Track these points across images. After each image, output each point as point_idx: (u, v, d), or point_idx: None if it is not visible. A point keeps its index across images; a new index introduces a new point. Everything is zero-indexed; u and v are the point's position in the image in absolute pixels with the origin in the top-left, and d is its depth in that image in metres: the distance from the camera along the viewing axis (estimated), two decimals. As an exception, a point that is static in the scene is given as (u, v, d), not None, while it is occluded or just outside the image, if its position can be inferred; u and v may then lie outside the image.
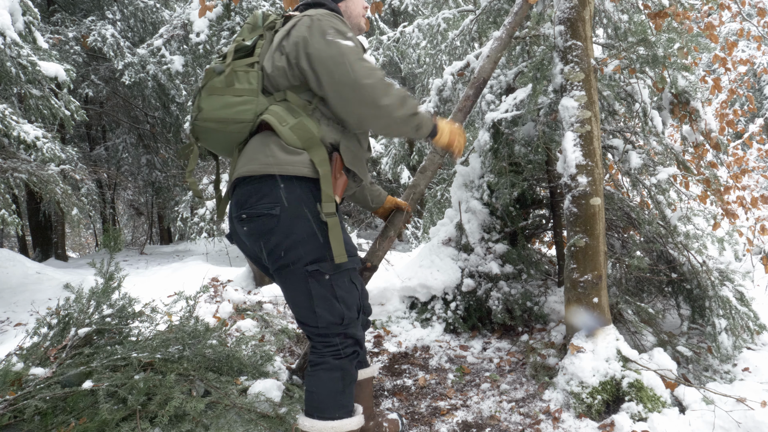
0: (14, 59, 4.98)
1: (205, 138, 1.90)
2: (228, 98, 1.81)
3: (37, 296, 5.25)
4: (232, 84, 1.81)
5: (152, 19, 10.30)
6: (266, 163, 1.77)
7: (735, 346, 3.00)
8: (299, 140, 1.79)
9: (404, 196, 2.94)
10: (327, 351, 1.86)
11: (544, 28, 3.39)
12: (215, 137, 1.87)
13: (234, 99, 1.80)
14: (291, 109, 1.82)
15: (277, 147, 1.78)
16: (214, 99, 1.81)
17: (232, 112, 1.81)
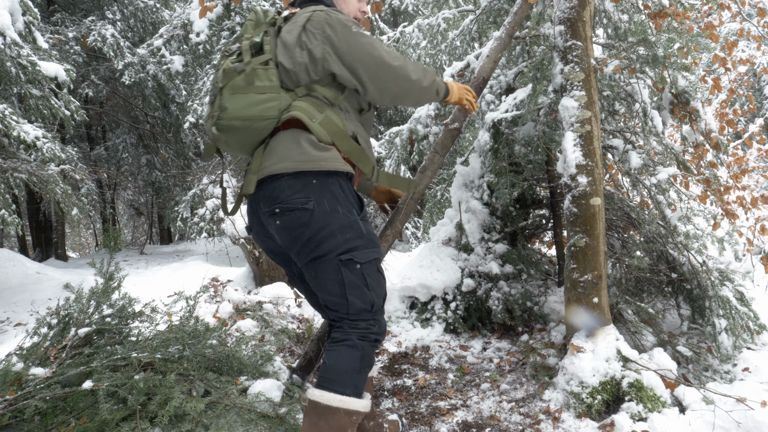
0: (14, 59, 4.98)
1: (229, 137, 1.91)
2: (252, 96, 1.84)
3: (37, 296, 5.25)
4: (253, 82, 1.84)
5: (152, 19, 10.30)
6: (300, 160, 1.84)
7: (735, 346, 3.00)
8: (329, 134, 1.89)
9: (404, 196, 2.94)
10: (353, 331, 1.92)
11: (544, 28, 3.39)
12: (240, 135, 1.90)
13: (258, 97, 1.84)
14: (316, 104, 1.90)
15: (308, 144, 1.86)
16: (238, 98, 1.84)
17: (258, 109, 1.85)
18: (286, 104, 1.88)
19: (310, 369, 2.78)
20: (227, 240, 9.16)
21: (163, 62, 9.03)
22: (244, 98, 1.84)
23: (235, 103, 1.84)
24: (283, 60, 1.88)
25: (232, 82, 1.85)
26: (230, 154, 2.08)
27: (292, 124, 1.89)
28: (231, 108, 1.84)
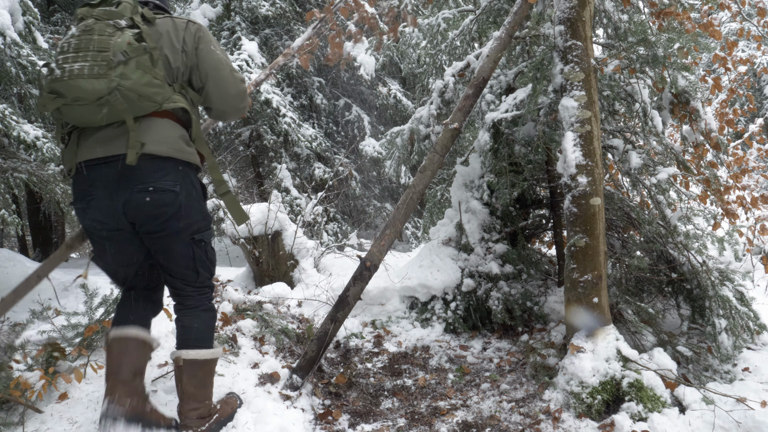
0: (14, 59, 4.98)
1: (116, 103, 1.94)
2: (151, 78, 1.99)
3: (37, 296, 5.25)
4: (157, 66, 2.00)
5: (152, 19, 10.29)
6: (175, 148, 2.07)
7: (735, 346, 3.00)
8: (196, 133, 2.18)
9: (404, 196, 2.94)
10: (202, 297, 2.25)
11: (544, 28, 3.39)
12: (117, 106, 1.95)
13: (155, 80, 2.00)
14: (192, 105, 2.18)
15: (181, 138, 2.10)
16: (141, 75, 1.96)
17: (152, 91, 1.99)
18: (168, 96, 2.06)
19: (310, 369, 2.78)
20: (227, 240, 9.16)
21: (163, 62, 9.02)
22: (146, 76, 1.97)
23: (139, 78, 1.95)
24: (169, 54, 2.08)
25: (140, 58, 1.95)
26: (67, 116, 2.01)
27: (168, 115, 2.09)
28: (135, 80, 1.94)
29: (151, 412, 2.12)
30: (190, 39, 2.13)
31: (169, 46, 2.09)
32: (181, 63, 2.12)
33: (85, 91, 1.89)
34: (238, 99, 2.28)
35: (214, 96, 2.21)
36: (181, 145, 2.09)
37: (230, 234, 4.17)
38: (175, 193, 2.05)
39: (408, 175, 9.36)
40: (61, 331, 2.74)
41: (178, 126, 2.11)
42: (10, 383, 2.23)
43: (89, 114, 1.96)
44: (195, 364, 2.18)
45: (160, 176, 2.02)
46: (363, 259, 2.89)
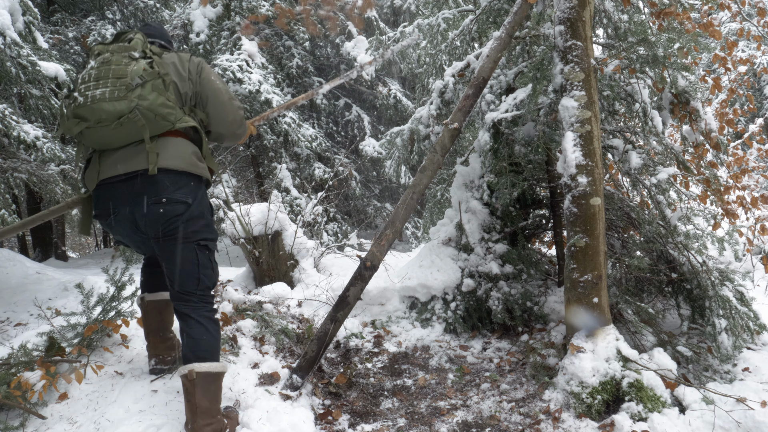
0: (14, 59, 4.98)
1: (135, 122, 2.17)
2: (165, 99, 2.22)
3: (37, 296, 5.25)
4: (169, 89, 2.25)
5: (152, 19, 10.29)
6: (189, 163, 2.27)
7: (735, 346, 3.00)
8: (205, 151, 2.40)
9: (404, 196, 2.94)
10: (205, 305, 2.33)
11: (544, 28, 3.39)
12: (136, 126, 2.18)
13: (168, 102, 2.23)
14: (200, 123, 2.39)
15: (194, 155, 2.31)
16: (157, 96, 2.19)
17: (166, 111, 2.21)
18: (180, 116, 2.29)
19: (310, 369, 2.78)
20: (227, 240, 9.16)
21: (163, 62, 9.02)
22: (161, 98, 2.20)
23: (155, 99, 2.18)
24: (177, 81, 2.32)
25: (155, 81, 2.20)
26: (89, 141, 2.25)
27: (181, 134, 2.31)
28: (151, 101, 2.17)
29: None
30: (194, 69, 2.38)
31: (177, 74, 2.33)
32: (188, 89, 2.35)
33: (108, 113, 2.12)
34: (235, 125, 2.49)
35: (213, 119, 2.43)
36: (194, 161, 2.30)
37: (230, 234, 4.17)
38: (187, 204, 2.25)
39: (408, 175, 9.36)
40: (60, 331, 2.74)
41: (191, 144, 2.33)
42: (11, 383, 2.23)
43: (110, 135, 2.18)
44: (208, 377, 2.21)
45: (174, 189, 2.23)
46: (363, 259, 2.89)
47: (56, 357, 2.50)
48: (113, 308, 2.87)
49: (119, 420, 2.24)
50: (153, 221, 2.22)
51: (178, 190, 2.23)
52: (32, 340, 2.66)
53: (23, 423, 2.21)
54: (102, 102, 2.11)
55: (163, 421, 2.25)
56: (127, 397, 2.39)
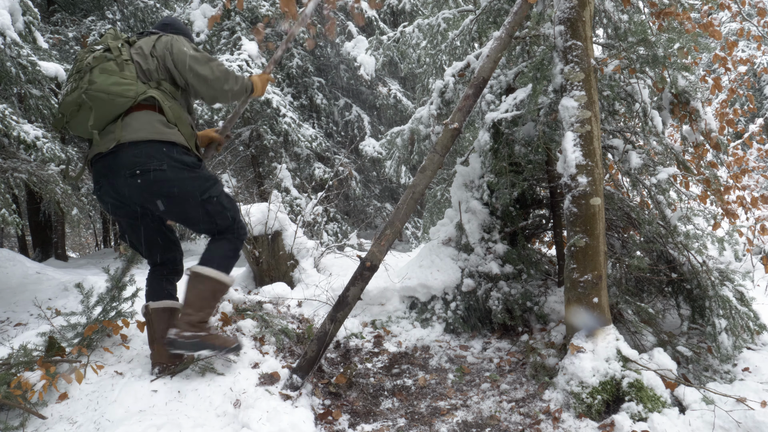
0: (14, 59, 4.98)
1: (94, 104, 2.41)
2: (118, 78, 2.43)
3: (37, 296, 5.25)
4: (123, 69, 2.45)
5: (152, 19, 10.29)
6: (153, 131, 2.43)
7: (735, 346, 3.00)
8: (173, 117, 2.51)
9: (404, 196, 2.94)
10: (231, 236, 2.65)
11: (544, 28, 3.39)
12: (101, 106, 2.41)
13: (123, 80, 2.43)
14: (164, 95, 2.53)
15: (159, 123, 2.47)
16: (107, 77, 2.41)
17: (121, 88, 2.41)
18: (142, 90, 2.47)
19: (310, 369, 2.78)
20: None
21: (164, 62, 9.00)
22: (112, 78, 2.42)
23: (104, 80, 2.41)
24: (140, 60, 2.52)
25: (103, 65, 2.42)
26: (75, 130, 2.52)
27: (146, 107, 2.47)
28: (100, 82, 2.40)
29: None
30: (161, 46, 2.57)
31: (140, 55, 2.54)
32: (152, 65, 2.54)
33: (67, 105, 2.43)
34: (220, 81, 2.60)
35: (197, 86, 2.59)
36: (159, 128, 2.45)
37: (230, 234, 4.17)
38: (161, 171, 2.41)
39: (408, 175, 9.35)
40: (60, 331, 2.74)
41: (155, 113, 2.48)
42: (11, 383, 2.23)
43: (80, 124, 2.46)
44: (199, 277, 2.54)
45: (144, 160, 2.40)
46: (363, 259, 2.89)
47: (56, 357, 2.50)
48: (113, 308, 2.87)
49: (119, 420, 2.24)
50: (136, 192, 2.43)
51: (149, 160, 2.40)
52: (32, 340, 2.66)
53: (23, 423, 2.21)
54: (66, 97, 2.43)
55: (163, 421, 2.25)
56: (127, 397, 2.39)
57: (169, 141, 2.46)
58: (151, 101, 2.49)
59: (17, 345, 2.56)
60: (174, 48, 2.57)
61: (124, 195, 2.46)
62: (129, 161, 2.39)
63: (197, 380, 2.57)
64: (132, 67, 2.48)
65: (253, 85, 2.87)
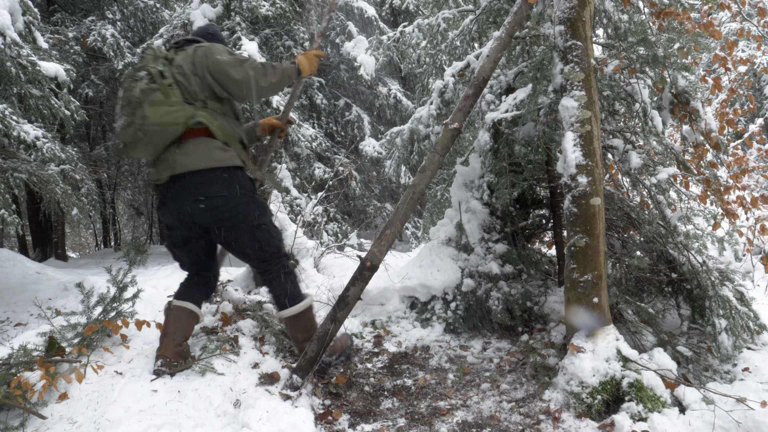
0: (14, 59, 4.98)
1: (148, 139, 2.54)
2: (167, 107, 2.51)
3: (38, 296, 5.25)
4: (169, 96, 2.52)
5: (152, 19, 10.29)
6: (212, 159, 2.57)
7: (735, 346, 3.00)
8: (224, 135, 2.64)
9: (404, 196, 2.94)
10: (277, 267, 2.83)
11: (544, 28, 3.39)
12: (155, 138, 2.54)
13: (171, 107, 2.51)
14: (212, 114, 2.63)
15: (216, 148, 2.60)
16: (156, 109, 2.50)
17: (171, 117, 2.51)
18: (190, 114, 2.56)
19: (310, 369, 2.78)
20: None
21: (163, 62, 8.99)
22: (161, 108, 2.50)
23: (154, 113, 2.49)
24: (183, 81, 2.59)
25: (151, 98, 2.49)
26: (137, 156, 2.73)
27: (198, 132, 2.59)
28: (151, 117, 2.49)
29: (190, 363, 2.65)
30: (199, 61, 2.62)
31: (182, 74, 2.60)
32: (196, 84, 2.61)
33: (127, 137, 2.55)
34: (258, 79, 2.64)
35: (238, 92, 2.66)
36: (216, 155, 2.59)
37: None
38: (223, 197, 2.60)
39: (408, 175, 9.35)
40: (60, 331, 2.74)
41: (208, 139, 2.61)
42: (11, 383, 2.23)
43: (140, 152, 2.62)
44: (294, 318, 2.83)
45: (207, 187, 2.57)
46: (363, 259, 2.89)
47: (56, 357, 2.50)
48: (114, 308, 2.87)
49: (119, 420, 2.24)
50: (200, 216, 2.62)
51: (212, 187, 2.58)
52: (32, 340, 2.66)
53: (23, 423, 2.21)
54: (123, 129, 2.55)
55: (163, 421, 2.25)
56: (127, 397, 2.39)
57: (228, 166, 2.61)
58: (201, 125, 2.60)
59: (17, 345, 2.56)
60: (209, 60, 2.62)
61: (187, 218, 2.65)
62: (193, 189, 2.57)
63: (197, 380, 2.57)
64: (177, 91, 2.56)
65: (299, 66, 2.90)
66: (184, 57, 2.64)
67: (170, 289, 4.18)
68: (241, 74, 2.61)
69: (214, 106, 2.65)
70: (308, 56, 2.96)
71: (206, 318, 3.29)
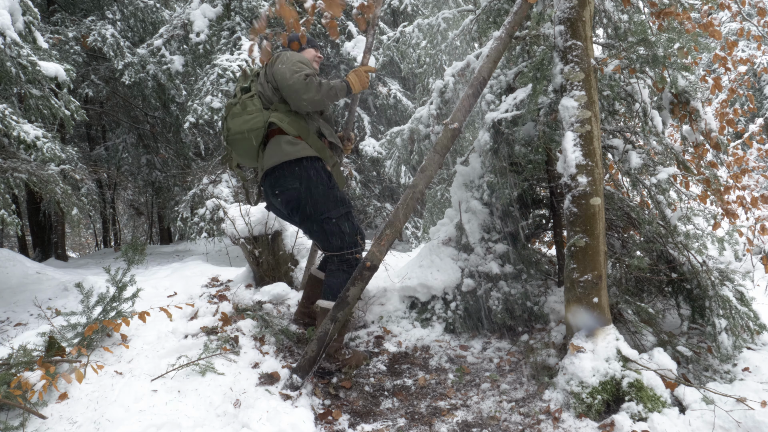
0: (14, 59, 4.98)
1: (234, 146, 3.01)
2: (244, 117, 2.94)
3: (38, 296, 5.25)
4: (246, 107, 2.95)
5: (152, 19, 10.29)
6: (284, 154, 2.89)
7: (735, 345, 3.00)
8: (296, 130, 2.93)
9: (404, 196, 2.94)
10: (342, 263, 3.05)
11: (544, 28, 3.39)
12: (241, 144, 2.98)
13: (247, 117, 2.93)
14: (285, 113, 2.95)
15: (285, 143, 2.91)
16: (236, 120, 2.95)
17: (248, 125, 2.93)
18: (266, 118, 2.93)
19: (310, 369, 2.78)
20: (227, 240, 9.16)
21: (163, 62, 9.01)
22: (239, 119, 2.95)
23: (234, 124, 2.96)
24: (261, 90, 2.98)
25: (231, 111, 2.98)
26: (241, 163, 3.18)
27: (274, 132, 2.94)
28: (233, 127, 2.97)
29: None
30: (269, 70, 2.96)
31: (260, 83, 3.00)
32: (269, 90, 2.96)
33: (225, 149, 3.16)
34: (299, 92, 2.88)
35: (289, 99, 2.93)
36: (288, 150, 2.88)
37: (230, 234, 4.17)
38: (296, 189, 2.91)
39: (408, 175, 9.35)
40: (60, 331, 2.74)
41: (282, 135, 2.92)
42: (11, 383, 2.23)
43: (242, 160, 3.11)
44: (324, 311, 2.97)
45: (282, 181, 2.93)
46: (363, 259, 2.89)
47: (56, 357, 2.50)
48: (113, 308, 2.87)
49: (119, 420, 2.24)
50: (281, 205, 3.02)
51: (285, 180, 2.90)
52: (32, 340, 2.66)
53: (23, 423, 2.21)
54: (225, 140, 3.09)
55: (163, 421, 2.25)
56: (127, 397, 2.39)
57: (300, 158, 2.88)
58: (274, 125, 2.92)
59: (17, 345, 2.56)
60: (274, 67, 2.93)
61: (277, 211, 3.13)
62: (271, 184, 2.96)
63: (197, 380, 2.57)
64: (256, 100, 2.94)
65: (349, 84, 3.08)
66: (262, 70, 3.04)
67: (170, 288, 4.17)
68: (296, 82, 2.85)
69: (281, 108, 2.94)
70: (358, 72, 3.12)
71: (206, 318, 3.30)
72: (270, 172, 2.94)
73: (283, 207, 3.00)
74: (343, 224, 2.99)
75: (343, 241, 3.01)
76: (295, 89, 2.84)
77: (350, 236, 3.02)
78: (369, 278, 2.90)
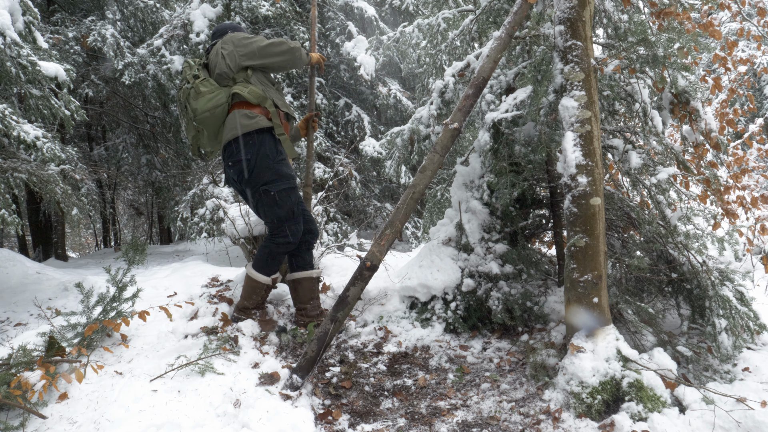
0: (14, 59, 4.98)
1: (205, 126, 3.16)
2: (205, 96, 3.11)
3: (38, 296, 5.25)
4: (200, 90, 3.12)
5: (152, 19, 10.29)
6: (237, 126, 3.07)
7: (735, 345, 3.00)
8: (255, 98, 3.13)
9: (404, 196, 2.94)
10: (272, 235, 3.25)
11: (544, 28, 3.39)
12: (210, 122, 3.14)
13: (210, 93, 3.12)
14: (243, 84, 3.16)
15: (242, 117, 3.10)
16: (197, 102, 3.12)
17: (212, 102, 3.11)
18: (228, 92, 3.14)
19: (310, 369, 2.78)
20: (227, 240, 9.16)
21: (163, 62, 9.01)
22: (203, 99, 3.12)
23: (198, 104, 3.13)
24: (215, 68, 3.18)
25: (189, 93, 3.16)
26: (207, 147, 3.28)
27: (236, 105, 3.14)
28: (198, 107, 3.12)
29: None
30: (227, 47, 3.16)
31: (213, 64, 3.19)
32: (223, 65, 3.14)
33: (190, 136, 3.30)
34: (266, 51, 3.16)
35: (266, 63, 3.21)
36: (242, 122, 3.06)
37: (230, 234, 4.17)
38: (247, 160, 3.08)
39: (408, 175, 9.34)
40: (60, 331, 2.74)
41: (240, 110, 3.11)
42: (11, 383, 2.23)
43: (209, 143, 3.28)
44: (248, 278, 3.30)
45: (236, 153, 3.11)
46: (363, 259, 2.89)
47: (56, 357, 2.50)
48: (113, 308, 2.87)
49: (119, 420, 2.24)
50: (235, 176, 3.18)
51: (239, 152, 3.08)
52: (32, 340, 2.66)
53: (23, 423, 2.21)
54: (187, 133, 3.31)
55: (163, 421, 2.25)
56: (127, 397, 2.39)
57: (251, 131, 3.06)
58: (238, 97, 3.12)
59: (17, 345, 2.56)
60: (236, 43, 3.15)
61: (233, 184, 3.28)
62: (226, 156, 3.15)
63: (197, 380, 2.57)
64: (209, 82, 3.13)
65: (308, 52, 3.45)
66: (213, 53, 3.21)
67: (170, 288, 4.18)
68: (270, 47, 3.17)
69: (243, 77, 3.15)
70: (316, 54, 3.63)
71: (206, 318, 3.30)
72: (227, 146, 3.13)
73: (236, 176, 3.16)
74: (281, 198, 3.14)
75: (276, 215, 3.16)
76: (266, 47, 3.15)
77: (284, 212, 3.16)
78: (369, 278, 2.90)
